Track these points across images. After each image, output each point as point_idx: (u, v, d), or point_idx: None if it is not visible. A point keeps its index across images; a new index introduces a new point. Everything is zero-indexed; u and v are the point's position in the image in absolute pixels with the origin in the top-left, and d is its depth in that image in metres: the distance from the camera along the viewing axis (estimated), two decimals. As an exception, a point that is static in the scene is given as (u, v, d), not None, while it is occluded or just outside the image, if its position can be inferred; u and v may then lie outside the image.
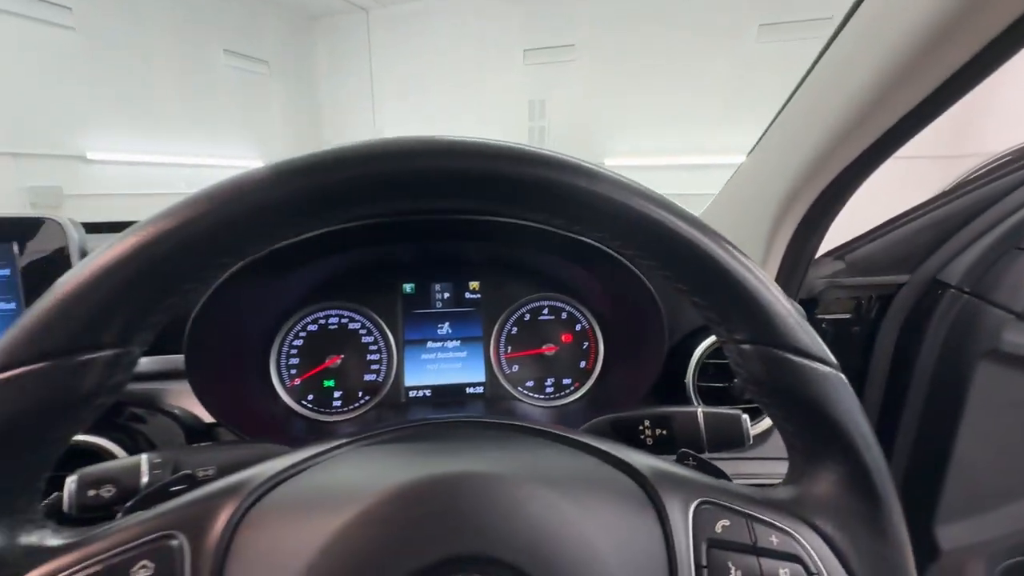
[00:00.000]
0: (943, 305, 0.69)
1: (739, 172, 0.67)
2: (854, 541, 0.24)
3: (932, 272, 0.71)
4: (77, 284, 0.20)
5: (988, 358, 0.64)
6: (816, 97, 0.51)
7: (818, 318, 0.76)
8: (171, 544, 0.21)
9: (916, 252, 0.71)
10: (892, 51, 0.39)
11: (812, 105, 0.52)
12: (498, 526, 0.21)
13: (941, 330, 0.69)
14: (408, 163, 0.22)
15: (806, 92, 0.53)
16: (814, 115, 0.51)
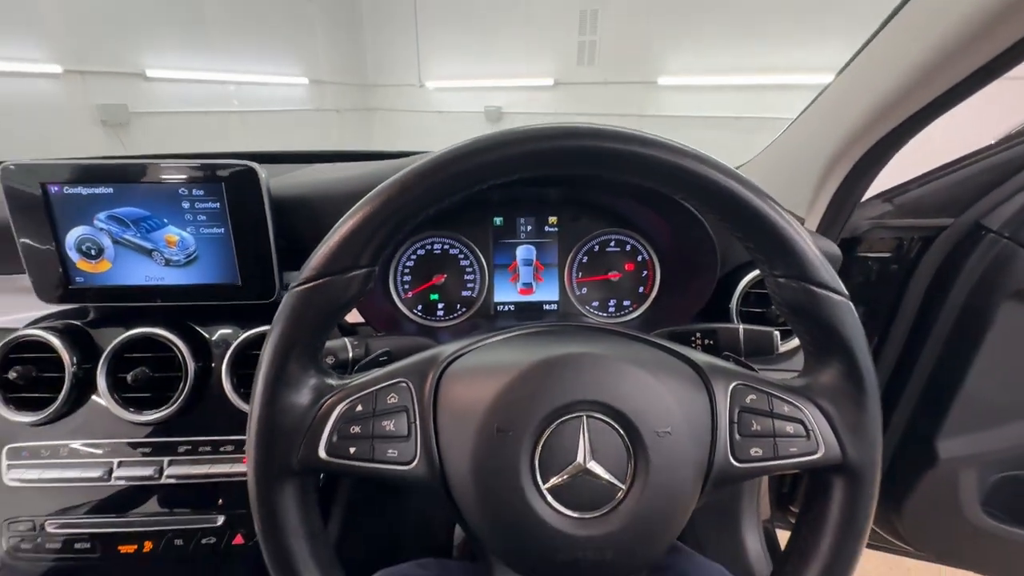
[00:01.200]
0: (981, 248, 0.74)
1: (797, 121, 0.72)
2: (842, 414, 0.35)
3: (976, 217, 0.75)
4: (351, 227, 0.33)
5: (1014, 298, 0.71)
6: (891, 47, 0.54)
7: (859, 256, 0.82)
8: (403, 385, 0.35)
9: (963, 198, 0.75)
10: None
11: (885, 55, 0.55)
12: (606, 384, 0.34)
13: (976, 271, 0.75)
14: (590, 141, 0.32)
15: (880, 43, 0.56)
16: (885, 66, 0.54)
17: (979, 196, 0.75)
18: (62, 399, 0.54)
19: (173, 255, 0.56)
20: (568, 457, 0.32)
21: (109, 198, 0.54)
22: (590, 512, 0.32)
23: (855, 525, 0.35)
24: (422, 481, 0.34)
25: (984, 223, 0.75)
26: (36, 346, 0.55)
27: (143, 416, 0.54)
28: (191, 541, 0.54)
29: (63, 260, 0.55)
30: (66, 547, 0.53)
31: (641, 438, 0.32)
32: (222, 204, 0.54)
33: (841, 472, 0.35)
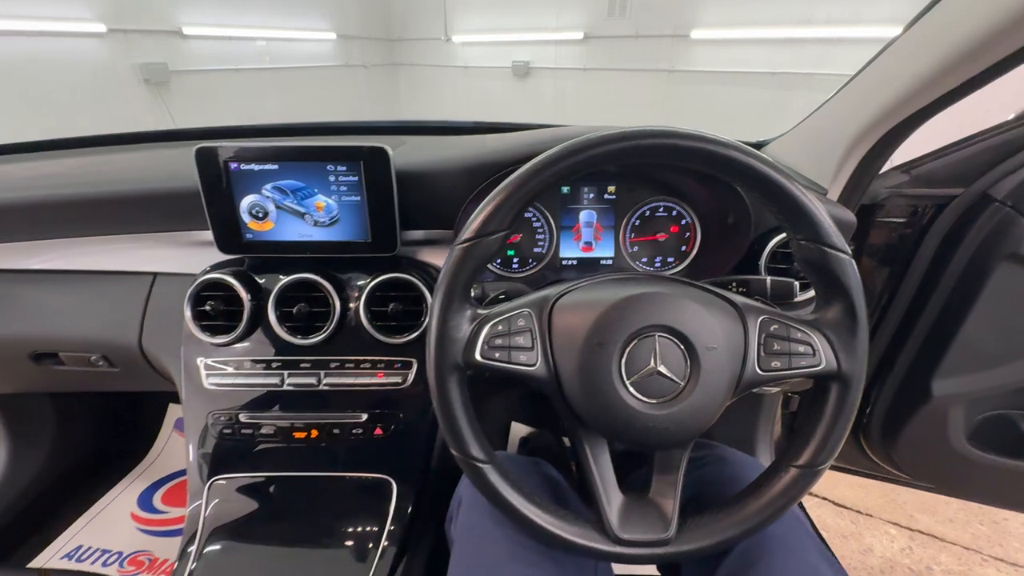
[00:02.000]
0: (986, 215, 0.84)
1: (830, 100, 0.82)
2: (840, 339, 0.49)
3: (984, 188, 0.85)
4: (498, 202, 0.47)
5: (1009, 260, 0.82)
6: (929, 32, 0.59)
7: (878, 221, 0.94)
8: (527, 312, 0.51)
9: (974, 170, 0.85)
10: None
11: (922, 39, 0.60)
12: (671, 313, 0.48)
13: (979, 235, 0.85)
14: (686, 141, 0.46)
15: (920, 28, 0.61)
16: (920, 49, 0.60)
17: (989, 168, 0.84)
18: (243, 327, 0.72)
19: (320, 217, 0.72)
20: (645, 363, 0.48)
21: (274, 173, 0.69)
22: (658, 399, 0.48)
23: (843, 416, 0.50)
24: (541, 378, 0.50)
25: (991, 193, 0.84)
26: (220, 286, 0.72)
27: (304, 340, 0.72)
28: (344, 432, 0.73)
29: (238, 221, 0.72)
30: (255, 433, 0.73)
31: (696, 351, 0.48)
32: (359, 177, 0.69)
33: (836, 379, 0.50)
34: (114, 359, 0.82)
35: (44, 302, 0.80)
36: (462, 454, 0.50)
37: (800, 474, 0.49)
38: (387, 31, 7.03)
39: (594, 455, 0.52)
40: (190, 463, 0.74)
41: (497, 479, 0.50)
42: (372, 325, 0.72)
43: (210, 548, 0.67)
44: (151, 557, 1.16)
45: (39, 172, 0.90)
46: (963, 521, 1.51)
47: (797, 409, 1.20)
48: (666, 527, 0.50)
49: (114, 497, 1.31)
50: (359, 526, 0.69)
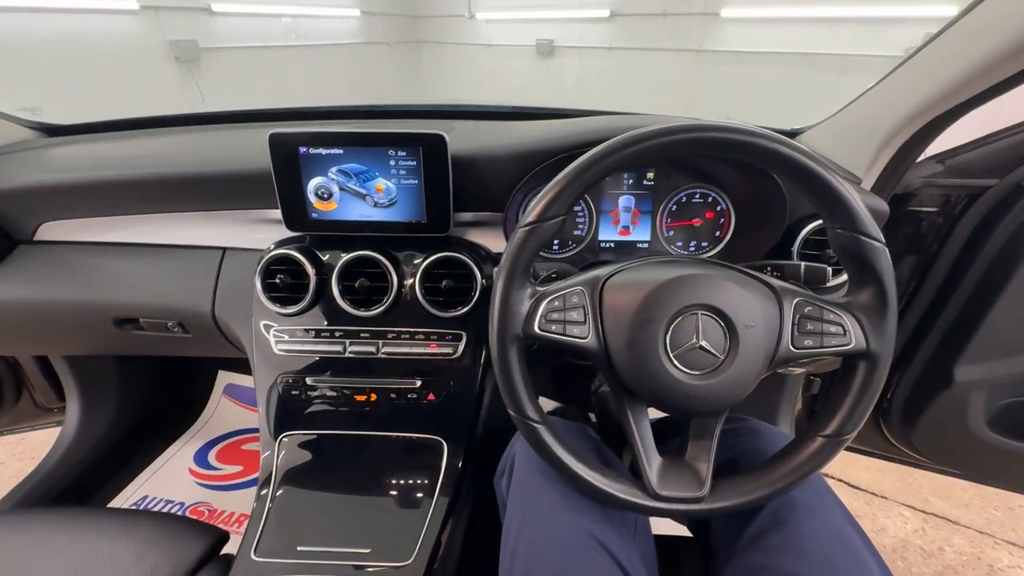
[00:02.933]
0: (1018, 206, 0.85)
1: (869, 91, 0.83)
2: (870, 321, 0.53)
3: (1018, 179, 0.86)
4: (557, 191, 0.52)
5: None
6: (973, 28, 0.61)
7: (910, 209, 0.96)
8: (580, 290, 0.56)
9: (1009, 161, 0.86)
10: None
11: (962, 40, 0.62)
12: (713, 293, 0.53)
13: (1011, 225, 0.87)
14: (729, 135, 0.50)
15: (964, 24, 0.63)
16: (958, 50, 0.62)
17: (1022, 161, 0.86)
18: (308, 298, 0.79)
19: (380, 199, 0.78)
20: (688, 338, 0.53)
21: (339, 157, 0.75)
22: (699, 371, 0.53)
23: (869, 391, 0.54)
24: (592, 350, 0.55)
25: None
26: (286, 261, 0.79)
27: (364, 312, 0.79)
28: (400, 396, 0.81)
29: (305, 201, 0.78)
30: (320, 394, 0.81)
31: (735, 328, 0.52)
32: (418, 162, 0.75)
33: (864, 357, 0.54)
34: (188, 326, 0.90)
35: (127, 272, 0.88)
36: (520, 415, 0.56)
37: (826, 443, 0.54)
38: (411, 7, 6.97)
39: (636, 421, 0.58)
40: (261, 419, 0.82)
41: (550, 439, 0.56)
42: (426, 300, 0.79)
43: (281, 492, 0.75)
44: (211, 508, 1.27)
45: (115, 153, 0.97)
46: (978, 506, 1.54)
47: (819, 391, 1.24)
48: (700, 486, 0.55)
49: (173, 454, 1.42)
50: (415, 479, 0.77)
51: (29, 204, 0.87)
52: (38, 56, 3.54)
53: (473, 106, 1.04)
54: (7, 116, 1.03)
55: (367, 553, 0.67)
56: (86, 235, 0.90)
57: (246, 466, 1.39)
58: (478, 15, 6.58)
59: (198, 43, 4.65)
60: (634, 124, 0.55)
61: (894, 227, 0.95)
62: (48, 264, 0.89)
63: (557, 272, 0.66)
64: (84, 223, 0.89)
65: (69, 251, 0.90)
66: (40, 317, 0.91)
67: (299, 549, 0.68)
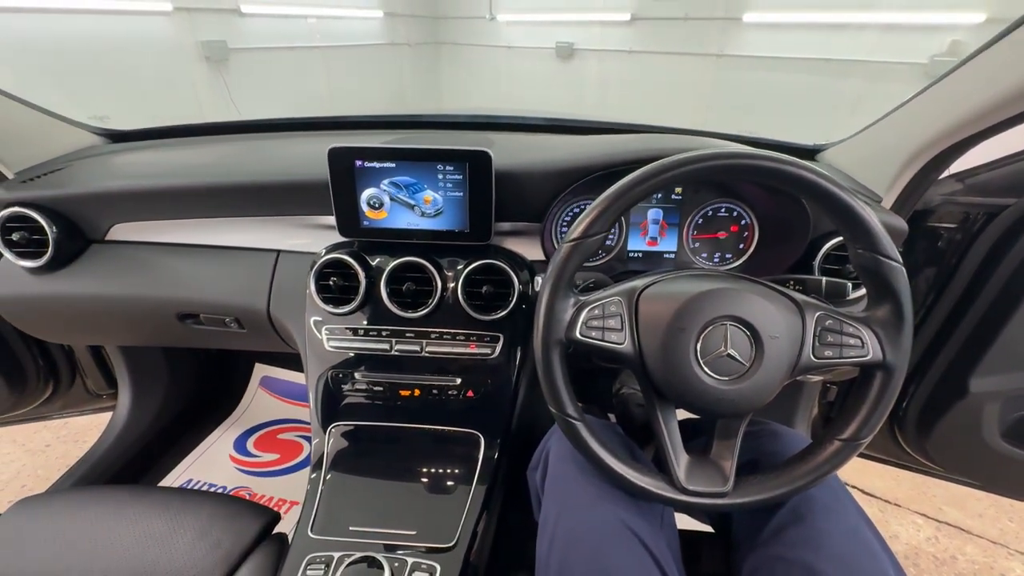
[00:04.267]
0: None
1: (895, 112, 0.86)
2: (887, 334, 0.58)
3: None
4: (601, 209, 0.58)
5: None
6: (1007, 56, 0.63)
7: (928, 225, 0.99)
8: (617, 299, 0.61)
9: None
10: None
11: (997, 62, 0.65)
12: (741, 305, 0.58)
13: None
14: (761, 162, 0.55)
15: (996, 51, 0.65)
16: (991, 78, 0.64)
17: None
18: (359, 299, 0.85)
19: (427, 209, 0.84)
20: (717, 346, 0.58)
21: (392, 170, 0.81)
22: (727, 377, 0.58)
23: (884, 399, 0.58)
24: (628, 356, 0.61)
25: None
26: (338, 264, 0.86)
27: (410, 314, 0.85)
28: (442, 392, 0.87)
29: (358, 209, 0.84)
30: (368, 388, 0.87)
31: (760, 339, 0.57)
32: (464, 176, 0.81)
33: (881, 368, 0.58)
34: (244, 322, 0.98)
35: (189, 271, 0.96)
36: (560, 412, 0.62)
37: (843, 446, 0.59)
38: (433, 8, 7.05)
39: (665, 420, 0.63)
40: (312, 410, 0.89)
41: (587, 435, 0.62)
42: (467, 304, 0.85)
43: (330, 476, 0.82)
44: (251, 492, 1.35)
45: (181, 160, 1.05)
46: (992, 516, 1.56)
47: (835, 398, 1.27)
48: (724, 482, 0.60)
49: (214, 441, 1.51)
50: (454, 469, 0.83)
51: (101, 208, 0.95)
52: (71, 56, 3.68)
53: (511, 117, 1.10)
54: (78, 123, 1.12)
55: (413, 535, 0.73)
56: (153, 236, 0.98)
57: (282, 454, 1.47)
58: (499, 17, 6.63)
59: (227, 43, 4.77)
60: (669, 145, 0.61)
61: (914, 242, 0.98)
62: (119, 262, 0.97)
63: (595, 281, 0.72)
64: (151, 225, 0.97)
65: (138, 250, 0.98)
66: (110, 311, 0.99)
67: (351, 528, 0.74)
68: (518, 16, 6.52)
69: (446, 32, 7.26)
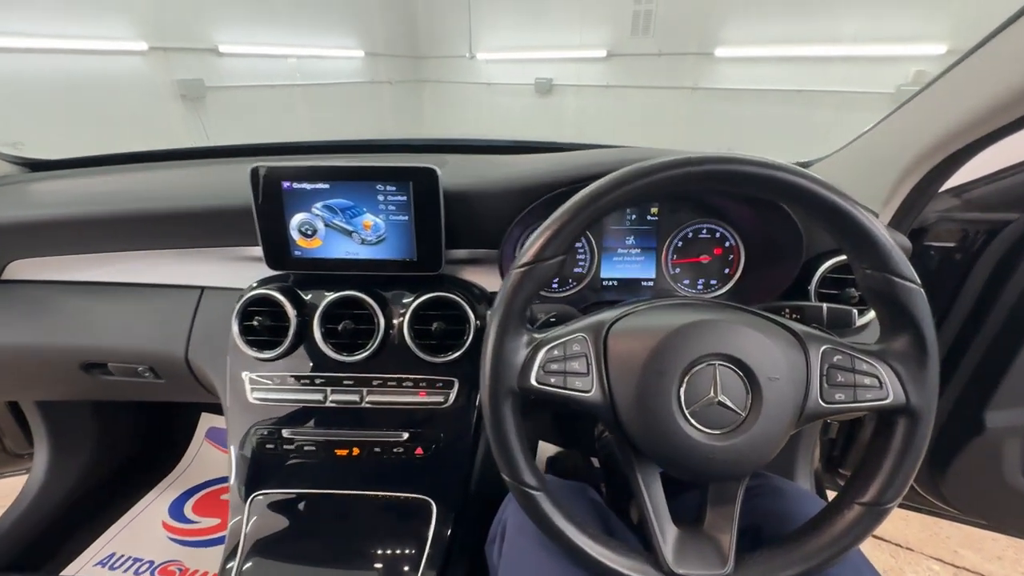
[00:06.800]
0: None
1: (887, 119, 0.79)
2: (908, 371, 0.48)
3: None
4: (555, 229, 0.47)
5: None
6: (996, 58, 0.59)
7: (925, 244, 0.91)
8: (582, 337, 0.50)
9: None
10: None
11: (987, 63, 0.60)
12: (732, 341, 0.47)
13: None
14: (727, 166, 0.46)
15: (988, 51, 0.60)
16: (979, 84, 0.59)
17: None
18: (288, 342, 0.73)
19: (367, 236, 0.73)
20: (705, 392, 0.47)
21: (324, 192, 0.71)
22: (718, 430, 0.47)
23: (912, 451, 0.48)
24: (596, 405, 0.49)
25: None
26: (266, 301, 0.74)
27: (347, 357, 0.73)
28: (386, 450, 0.73)
29: (287, 238, 0.73)
30: (297, 449, 0.74)
31: (757, 381, 0.46)
32: (408, 198, 0.70)
33: (904, 413, 0.48)
34: (160, 371, 0.84)
35: (96, 314, 0.83)
36: (515, 480, 0.49)
37: (865, 512, 0.47)
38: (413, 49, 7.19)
39: (647, 484, 0.51)
40: (232, 477, 0.75)
41: (549, 507, 0.49)
42: (415, 343, 0.73)
43: (249, 565, 0.67)
44: (182, 567, 1.17)
45: (91, 189, 0.93)
46: (1012, 559, 1.43)
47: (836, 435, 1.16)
48: (723, 563, 0.48)
49: (146, 505, 1.33)
50: (399, 548, 0.68)
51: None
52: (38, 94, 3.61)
53: (466, 140, 1.01)
54: (-12, 151, 1.00)
55: None
56: (55, 274, 0.85)
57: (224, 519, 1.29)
58: (479, 55, 6.77)
59: (204, 82, 4.76)
60: (637, 157, 0.51)
61: (911, 261, 0.90)
62: (14, 305, 0.84)
63: (557, 315, 0.61)
64: (54, 261, 0.84)
65: (37, 291, 0.85)
66: (3, 362, 0.85)
67: None
68: (497, 55, 6.66)
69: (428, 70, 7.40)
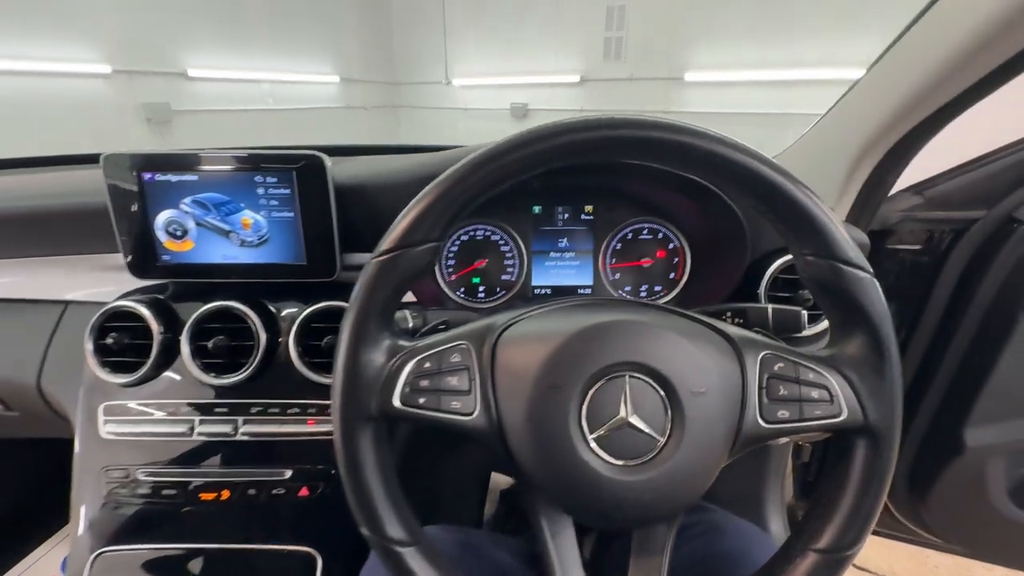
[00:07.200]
0: (1013, 240, 0.75)
1: (829, 114, 0.74)
2: (864, 381, 0.38)
3: (1008, 210, 0.76)
4: (424, 206, 0.38)
5: None
6: (922, 40, 0.56)
7: (889, 248, 0.84)
8: (463, 347, 0.40)
9: (995, 191, 0.76)
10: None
11: (915, 49, 0.57)
12: (646, 348, 0.37)
13: (1007, 263, 0.75)
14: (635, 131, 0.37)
15: (913, 36, 0.58)
16: (914, 58, 0.56)
17: (1012, 189, 0.76)
18: (150, 363, 0.61)
19: (248, 236, 0.62)
20: (612, 411, 0.36)
21: (194, 184, 0.60)
22: (631, 460, 0.36)
23: (876, 481, 0.38)
24: (480, 430, 0.39)
25: (1017, 215, 0.75)
26: (127, 316, 0.62)
27: (221, 380, 0.61)
28: (263, 491, 0.61)
29: (152, 240, 0.62)
30: (155, 493, 0.60)
31: (678, 396, 0.36)
32: (292, 190, 0.60)
33: (863, 434, 0.38)
34: (10, 401, 0.71)
35: None
36: (375, 533, 0.38)
37: (821, 561, 0.37)
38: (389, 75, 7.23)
39: (553, 530, 0.40)
40: (73, 531, 0.61)
41: (422, 566, 0.38)
42: (303, 362, 0.61)
43: None
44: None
45: None
46: (1005, 591, 1.33)
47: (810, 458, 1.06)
48: None
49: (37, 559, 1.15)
50: None
51: None
52: None
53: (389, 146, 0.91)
54: None
55: None
56: None
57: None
58: (455, 81, 6.82)
59: (171, 105, 4.67)
60: None
61: (874, 266, 0.83)
62: None
63: (448, 323, 0.51)
64: None
65: None
66: None
67: None
68: (474, 80, 6.72)
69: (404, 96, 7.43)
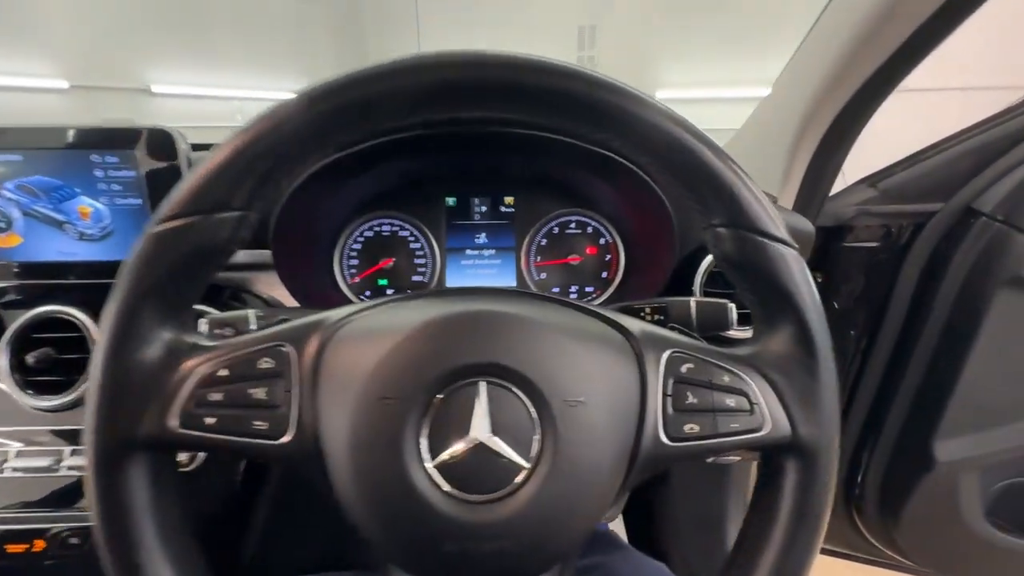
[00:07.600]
0: (973, 233, 0.69)
1: (763, 102, 0.68)
2: (792, 384, 0.30)
3: (966, 201, 0.71)
4: (221, 160, 0.28)
5: (1010, 285, 0.66)
6: (833, 23, 0.55)
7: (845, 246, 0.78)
8: (282, 350, 0.30)
9: (951, 180, 0.71)
10: None
11: (829, 31, 0.55)
12: (509, 346, 0.29)
13: (968, 257, 0.70)
14: (443, 73, 0.28)
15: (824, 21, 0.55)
16: (829, 41, 0.55)
17: (968, 178, 0.71)
18: None
19: (87, 228, 0.52)
20: (461, 429, 0.27)
21: (18, 166, 0.50)
22: (486, 494, 0.27)
23: (810, 513, 0.29)
24: (295, 458, 0.29)
25: (975, 206, 0.70)
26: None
27: (43, 401, 0.50)
28: (88, 540, 0.49)
29: (-31, 233, 0.51)
30: None
31: (550, 408, 0.27)
32: (137, 172, 0.50)
33: (791, 452, 0.30)
34: None
35: None
36: None
37: None
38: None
39: None
40: None
41: None
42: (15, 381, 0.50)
43: None
44: None
45: None
46: (988, 616, 1.25)
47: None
48: None
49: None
50: None
51: None
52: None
53: None
54: None
55: None
56: None
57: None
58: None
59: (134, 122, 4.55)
60: None
61: (830, 267, 0.78)
62: None
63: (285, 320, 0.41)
64: None
65: None
66: None
67: None
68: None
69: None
